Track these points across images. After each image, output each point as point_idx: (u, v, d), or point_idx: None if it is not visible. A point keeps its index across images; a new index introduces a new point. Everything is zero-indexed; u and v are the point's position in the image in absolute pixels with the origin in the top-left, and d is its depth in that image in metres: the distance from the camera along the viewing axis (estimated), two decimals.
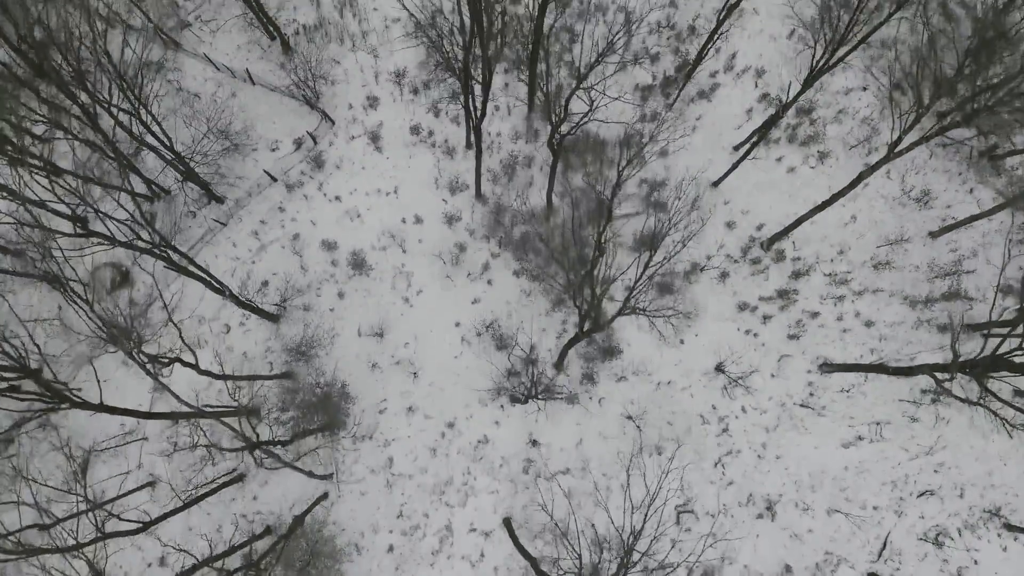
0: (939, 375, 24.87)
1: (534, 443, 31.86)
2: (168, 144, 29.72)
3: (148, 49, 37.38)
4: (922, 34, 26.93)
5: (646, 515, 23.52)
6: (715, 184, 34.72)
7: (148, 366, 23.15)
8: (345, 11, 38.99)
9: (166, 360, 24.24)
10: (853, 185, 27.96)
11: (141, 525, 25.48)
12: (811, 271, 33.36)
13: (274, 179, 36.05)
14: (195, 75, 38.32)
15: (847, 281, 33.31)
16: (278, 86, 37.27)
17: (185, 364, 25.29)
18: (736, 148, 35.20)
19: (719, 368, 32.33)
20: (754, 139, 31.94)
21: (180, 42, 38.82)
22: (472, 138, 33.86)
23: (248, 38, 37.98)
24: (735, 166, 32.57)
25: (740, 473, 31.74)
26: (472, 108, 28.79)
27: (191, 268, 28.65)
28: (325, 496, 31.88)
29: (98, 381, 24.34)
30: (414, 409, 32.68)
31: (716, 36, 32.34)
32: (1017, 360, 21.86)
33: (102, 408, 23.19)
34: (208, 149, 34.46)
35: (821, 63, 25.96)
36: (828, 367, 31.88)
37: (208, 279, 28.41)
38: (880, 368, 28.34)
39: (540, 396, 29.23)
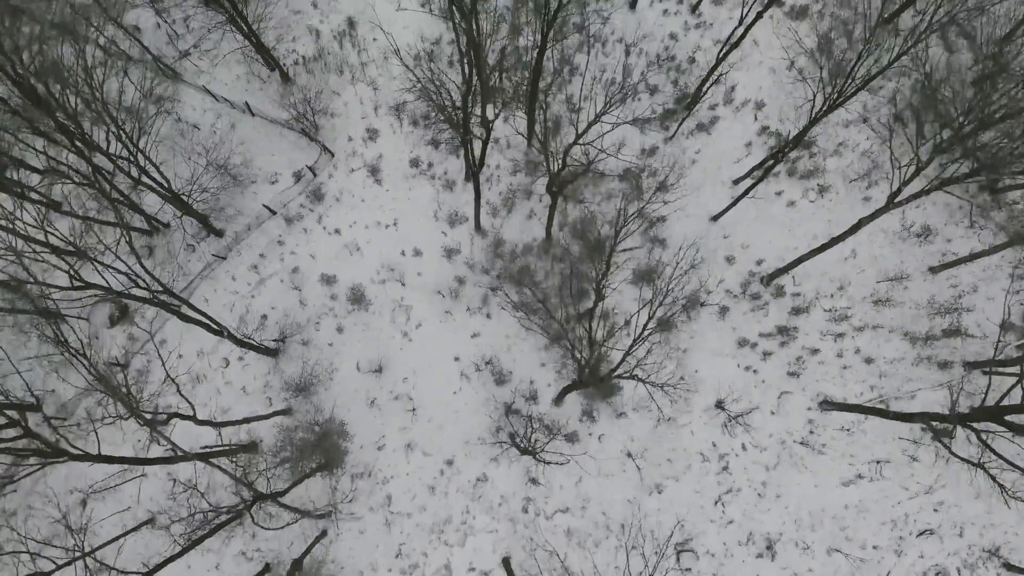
0: (937, 425, 24.76)
1: (533, 482, 31.77)
2: (166, 186, 29.65)
3: (147, 91, 37.55)
4: (922, 89, 26.86)
5: (648, 565, 23.41)
6: (714, 218, 34.66)
7: (149, 418, 23.06)
8: (344, 41, 39.00)
9: (164, 417, 24.15)
10: (852, 231, 27.91)
11: None
12: (811, 307, 33.30)
13: (273, 212, 36.00)
14: (194, 105, 38.30)
15: (847, 317, 33.24)
16: (277, 118, 37.27)
17: (183, 418, 25.20)
18: (736, 182, 35.15)
19: (719, 405, 32.25)
20: (754, 180, 31.86)
21: (179, 72, 38.82)
22: (472, 173, 33.86)
23: (247, 69, 37.95)
24: (734, 203, 32.53)
25: (740, 512, 31.65)
26: (472, 158, 28.83)
27: (189, 312, 28.58)
28: (324, 534, 31.79)
29: (96, 432, 24.23)
30: (413, 446, 32.60)
31: (716, 74, 32.36)
32: (1018, 422, 21.68)
33: (100, 459, 23.11)
34: (207, 184, 34.39)
35: (820, 112, 25.94)
36: (828, 405, 31.81)
37: (206, 321, 28.33)
38: (879, 412, 28.26)
39: (537, 456, 29.18)
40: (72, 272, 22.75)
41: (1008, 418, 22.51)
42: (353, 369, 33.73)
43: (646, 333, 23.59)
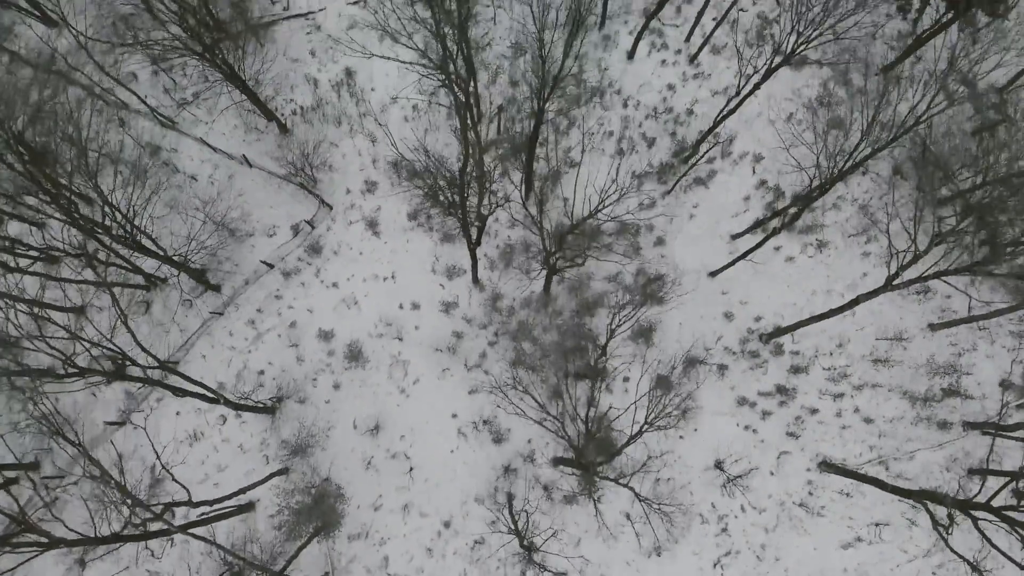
0: (935, 510, 24.64)
1: (532, 544, 31.60)
2: (163, 254, 29.63)
3: (144, 142, 37.65)
4: (920, 175, 26.89)
5: None
6: (712, 275, 34.58)
7: (144, 518, 22.97)
8: (342, 91, 39.02)
9: (160, 508, 24.05)
10: (851, 306, 27.82)
11: None
12: (810, 366, 33.18)
13: (271, 266, 35.94)
14: (191, 155, 38.31)
15: (846, 375, 33.13)
16: (275, 170, 37.22)
17: (179, 504, 25.10)
18: (734, 237, 35.07)
19: (718, 466, 32.12)
20: (752, 245, 31.78)
21: (176, 121, 38.81)
22: (470, 250, 34.00)
23: (245, 120, 37.91)
24: (733, 263, 32.47)
25: (740, 574, 31.48)
26: (470, 239, 28.97)
27: (185, 385, 28.54)
28: None
29: (91, 515, 24.14)
30: (410, 506, 32.46)
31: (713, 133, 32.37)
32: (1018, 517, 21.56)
33: (96, 541, 23.00)
34: (205, 241, 34.29)
35: (816, 194, 25.98)
36: (827, 467, 31.67)
37: (202, 392, 28.27)
38: (878, 483, 28.13)
39: (534, 556, 29.16)
40: (66, 360, 22.69)
41: (1005, 512, 22.31)
42: (350, 427, 33.61)
43: (647, 425, 23.53)
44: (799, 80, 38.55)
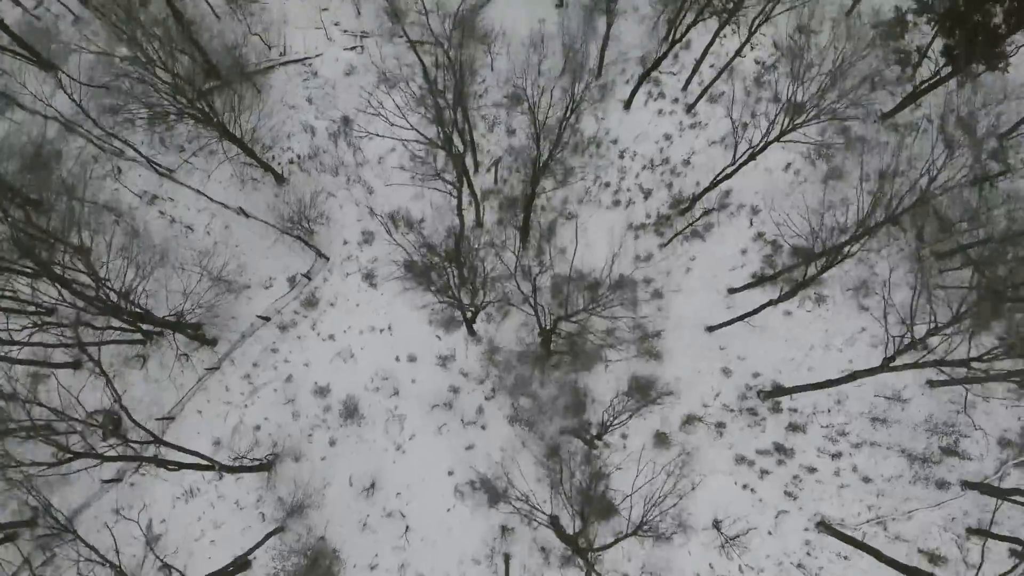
0: None
1: None
2: (159, 318, 29.57)
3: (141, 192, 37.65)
4: (917, 286, 26.86)
5: None
6: (710, 329, 34.45)
7: None
8: (339, 140, 38.98)
9: None
10: (849, 379, 27.69)
11: None
12: (808, 424, 33.03)
13: (267, 319, 35.86)
14: (188, 205, 38.27)
15: (845, 433, 32.97)
16: (272, 222, 37.10)
17: (172, 568, 25.00)
18: (731, 291, 34.94)
19: (716, 526, 31.94)
20: (751, 298, 31.68)
21: (173, 170, 38.77)
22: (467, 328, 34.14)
23: (241, 172, 37.84)
24: (731, 322, 32.35)
25: None
26: (466, 319, 29.04)
27: (180, 458, 28.47)
28: None
29: None
30: (406, 566, 32.29)
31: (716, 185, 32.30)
32: None
33: None
34: (201, 298, 34.21)
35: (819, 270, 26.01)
36: (825, 529, 31.48)
37: (197, 461, 28.18)
38: (874, 552, 27.98)
39: None
40: (60, 447, 22.63)
41: None
42: (346, 484, 33.46)
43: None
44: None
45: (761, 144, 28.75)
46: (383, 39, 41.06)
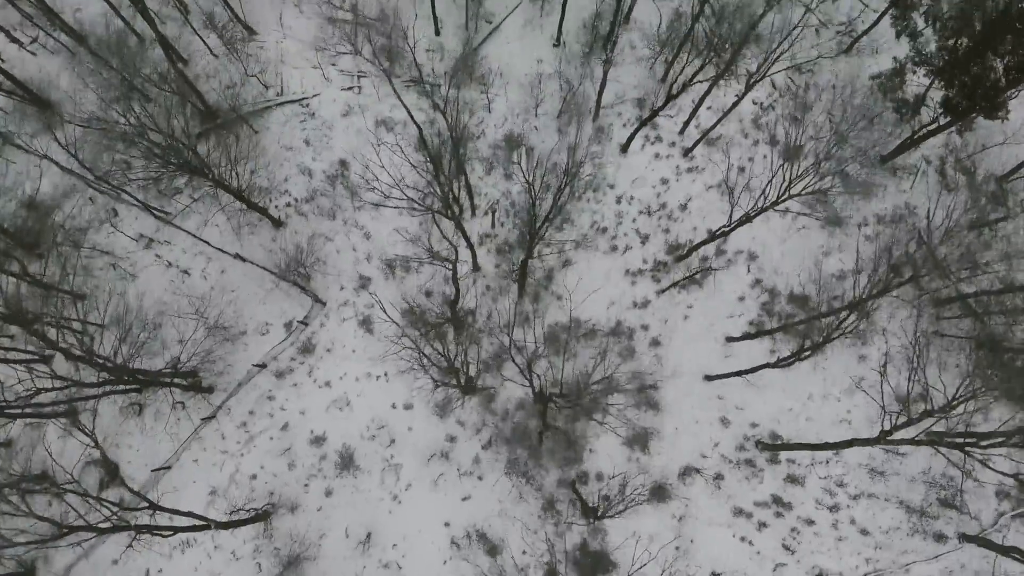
0: None
1: None
2: (155, 379, 29.53)
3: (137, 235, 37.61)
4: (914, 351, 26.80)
5: None
6: (708, 379, 34.32)
7: None
8: (337, 184, 38.89)
9: None
10: (846, 445, 27.59)
11: None
12: (806, 476, 32.89)
13: (263, 366, 35.78)
14: (184, 248, 38.15)
15: (843, 484, 32.85)
16: (268, 265, 37.01)
17: None
18: (729, 340, 34.81)
19: None
20: (748, 347, 31.58)
21: (170, 212, 38.68)
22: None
23: (238, 219, 37.68)
24: (729, 375, 32.23)
25: None
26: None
27: (175, 521, 28.40)
28: None
29: None
30: None
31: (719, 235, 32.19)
32: None
33: None
34: (197, 347, 34.12)
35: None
36: None
37: (194, 521, 28.09)
38: None
39: None
40: (55, 523, 22.55)
41: None
42: (342, 535, 33.37)
43: None
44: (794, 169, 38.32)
45: (757, 210, 28.59)
46: (380, 80, 40.99)
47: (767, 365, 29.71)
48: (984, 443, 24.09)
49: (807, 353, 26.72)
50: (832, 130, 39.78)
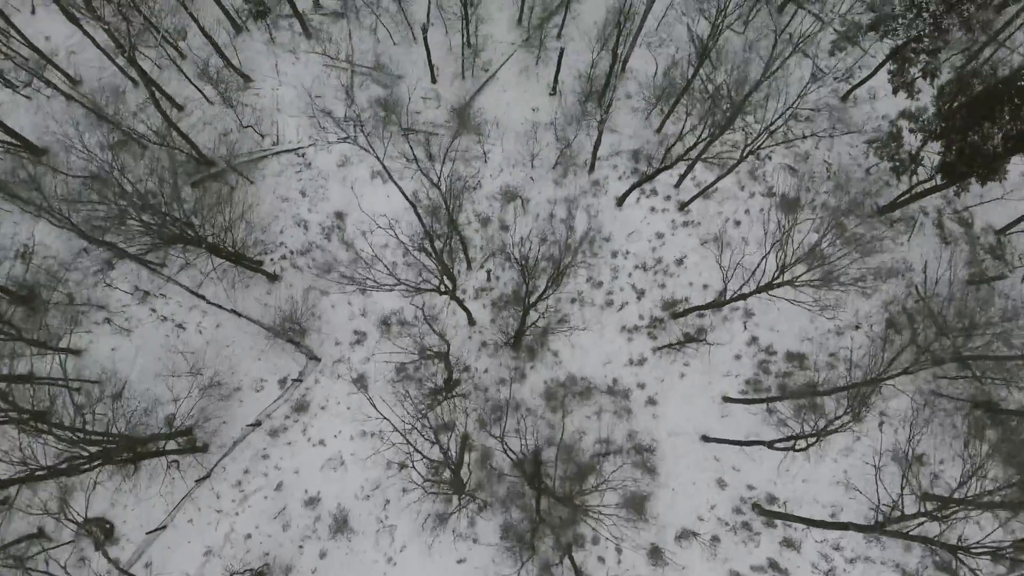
0: None
1: None
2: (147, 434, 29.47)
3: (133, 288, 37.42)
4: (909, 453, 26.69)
5: None
6: (705, 439, 34.16)
7: None
8: (332, 236, 38.79)
9: None
10: (841, 527, 27.43)
11: None
12: (802, 540, 32.70)
13: (258, 424, 35.63)
14: (180, 301, 38.00)
15: (839, 548, 32.67)
16: (263, 322, 36.88)
17: None
18: (726, 400, 34.65)
19: None
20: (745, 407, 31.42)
21: (165, 264, 38.54)
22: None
23: (232, 276, 37.54)
24: (725, 441, 32.08)
25: None
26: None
27: None
28: None
29: None
30: None
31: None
32: None
33: None
34: (193, 404, 34.02)
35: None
36: None
37: None
38: None
39: None
40: None
41: None
42: None
43: None
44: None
45: (752, 291, 28.46)
46: (377, 130, 40.89)
47: (763, 443, 29.53)
48: (976, 550, 23.84)
49: (802, 446, 26.51)
50: (829, 177, 40.05)
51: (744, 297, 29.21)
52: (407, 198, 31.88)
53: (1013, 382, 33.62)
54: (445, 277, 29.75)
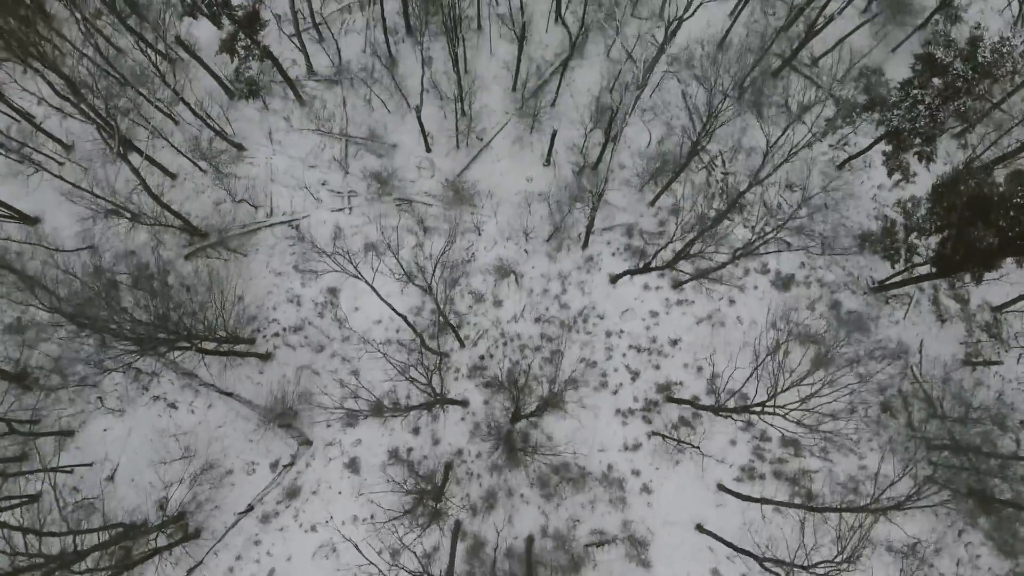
0: None
1: None
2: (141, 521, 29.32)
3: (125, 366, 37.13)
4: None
5: None
6: (699, 528, 33.94)
7: None
8: (326, 312, 38.58)
9: None
10: None
11: None
12: None
13: (250, 508, 35.43)
14: (172, 380, 37.79)
15: None
16: (255, 400, 36.66)
17: None
18: (720, 488, 34.43)
19: None
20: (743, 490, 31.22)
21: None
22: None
23: (223, 361, 37.31)
24: (720, 539, 31.87)
25: None
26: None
27: None
28: None
29: None
30: None
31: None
32: None
33: None
34: (183, 497, 33.83)
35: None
36: None
37: None
38: None
39: None
40: None
41: None
42: None
43: None
44: (787, 302, 38.08)
45: (741, 407, 28.27)
46: (372, 200, 40.77)
47: (754, 556, 29.27)
48: None
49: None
50: (822, 251, 39.77)
51: (734, 412, 28.97)
52: (397, 312, 31.92)
53: (1006, 480, 33.44)
54: (434, 388, 29.55)
